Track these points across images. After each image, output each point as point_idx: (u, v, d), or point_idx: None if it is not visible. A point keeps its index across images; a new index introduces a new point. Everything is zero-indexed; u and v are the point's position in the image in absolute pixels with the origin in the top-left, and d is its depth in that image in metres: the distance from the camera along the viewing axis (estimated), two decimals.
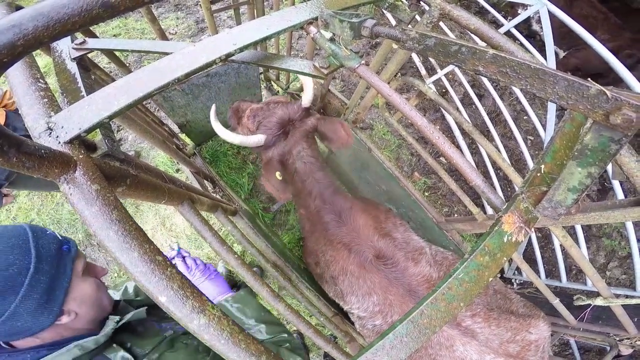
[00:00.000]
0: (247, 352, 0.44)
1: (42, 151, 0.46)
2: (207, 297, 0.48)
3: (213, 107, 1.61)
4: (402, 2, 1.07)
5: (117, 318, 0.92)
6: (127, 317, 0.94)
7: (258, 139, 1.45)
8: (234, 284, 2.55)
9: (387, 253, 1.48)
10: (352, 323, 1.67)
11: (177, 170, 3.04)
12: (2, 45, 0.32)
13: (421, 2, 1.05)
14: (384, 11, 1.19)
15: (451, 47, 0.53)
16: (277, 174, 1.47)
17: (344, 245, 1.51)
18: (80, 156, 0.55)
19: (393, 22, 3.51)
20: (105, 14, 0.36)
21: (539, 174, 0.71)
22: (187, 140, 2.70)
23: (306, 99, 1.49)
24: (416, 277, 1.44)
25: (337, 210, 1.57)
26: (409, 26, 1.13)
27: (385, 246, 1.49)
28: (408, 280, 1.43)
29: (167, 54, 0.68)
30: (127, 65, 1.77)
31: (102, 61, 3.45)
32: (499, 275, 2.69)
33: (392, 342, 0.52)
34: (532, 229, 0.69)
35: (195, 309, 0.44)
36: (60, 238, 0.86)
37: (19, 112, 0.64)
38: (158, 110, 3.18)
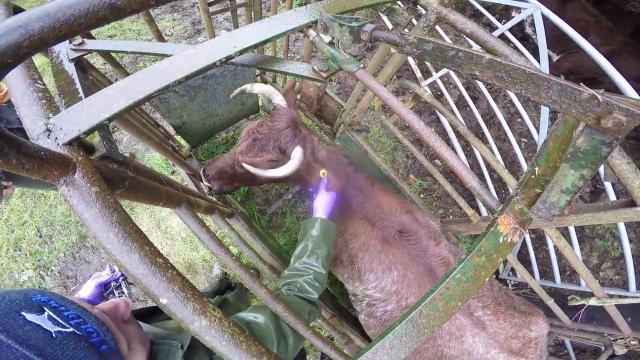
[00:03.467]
0: (248, 354, 0.45)
1: (42, 153, 0.46)
2: (207, 299, 0.48)
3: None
4: (399, 5, 1.09)
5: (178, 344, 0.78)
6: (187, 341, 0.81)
7: (298, 153, 1.37)
8: (229, 285, 2.53)
9: (411, 229, 1.48)
10: (352, 324, 1.67)
11: (172, 172, 3.02)
12: (8, 46, 0.32)
13: (418, 5, 1.07)
14: (381, 14, 1.21)
15: (448, 52, 0.54)
16: (322, 172, 1.42)
17: (367, 221, 1.51)
18: (80, 158, 0.55)
19: (389, 25, 3.54)
20: (111, 16, 0.36)
21: (533, 176, 0.73)
22: (183, 142, 2.69)
23: (278, 99, 1.46)
24: (436, 257, 1.45)
25: (360, 186, 1.56)
26: (406, 30, 1.15)
27: (408, 222, 1.50)
28: (428, 260, 1.44)
29: (166, 55, 0.68)
30: (123, 66, 1.76)
31: (97, 62, 3.43)
32: (494, 277, 2.71)
33: (392, 341, 0.53)
34: (527, 230, 0.71)
35: (197, 311, 0.44)
36: (85, 329, 0.53)
37: (14, 105, 0.63)
38: (153, 111, 3.16)
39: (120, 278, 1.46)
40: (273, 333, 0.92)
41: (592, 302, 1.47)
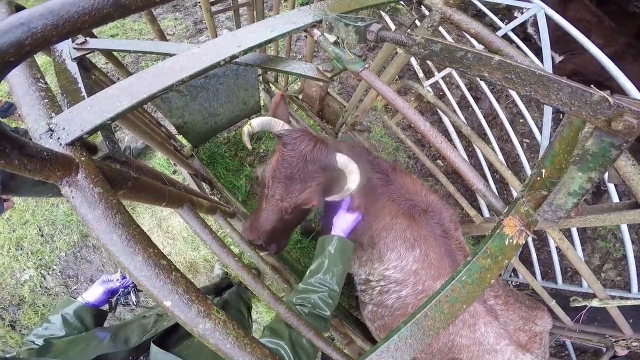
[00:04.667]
0: (252, 356, 0.44)
1: (45, 153, 0.45)
2: (211, 301, 0.47)
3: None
4: (402, 5, 1.08)
5: None
6: None
7: (345, 159, 1.23)
8: (229, 283, 2.53)
9: (436, 208, 1.50)
10: (353, 325, 1.66)
11: (174, 172, 3.02)
12: (10, 44, 0.31)
13: (422, 6, 1.06)
14: (383, 14, 1.20)
15: (457, 53, 0.53)
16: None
17: (393, 201, 1.50)
18: (82, 158, 0.54)
19: (391, 26, 3.53)
20: (115, 14, 0.35)
21: (539, 178, 0.72)
22: (185, 141, 2.69)
23: (280, 126, 1.29)
24: (455, 241, 1.48)
25: (384, 170, 1.56)
26: (409, 30, 1.14)
27: (434, 201, 1.52)
28: (449, 242, 1.46)
29: (169, 55, 0.68)
30: (125, 65, 1.75)
31: (99, 61, 3.42)
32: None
33: (397, 344, 0.52)
34: (532, 232, 0.70)
35: (201, 313, 0.44)
36: None
37: (17, 105, 0.63)
38: (155, 111, 3.15)
39: (130, 285, 1.41)
40: (292, 358, 0.94)
41: (594, 303, 1.46)
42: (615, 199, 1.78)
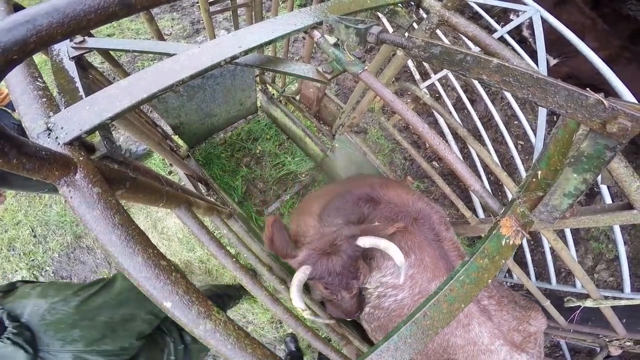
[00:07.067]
0: (253, 357, 0.44)
1: (43, 153, 0.45)
2: (212, 302, 0.47)
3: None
4: (401, 8, 1.09)
5: None
6: None
7: (370, 239, 1.36)
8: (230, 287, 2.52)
9: (425, 215, 1.55)
10: (350, 326, 1.67)
11: (170, 173, 3.00)
12: (14, 42, 0.31)
13: (420, 8, 1.07)
14: (381, 16, 1.21)
15: (456, 56, 0.54)
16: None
17: (385, 218, 1.56)
18: (81, 158, 0.54)
19: (389, 28, 3.55)
20: (121, 12, 0.35)
21: (534, 180, 0.73)
22: (181, 142, 2.67)
23: (304, 277, 1.38)
24: (448, 242, 1.52)
25: (366, 196, 1.63)
26: (407, 33, 1.15)
27: (422, 208, 1.57)
28: (442, 244, 1.50)
29: (168, 55, 0.67)
30: (121, 65, 1.74)
31: (95, 61, 3.39)
32: None
33: (397, 343, 0.52)
34: (528, 233, 0.71)
35: (201, 314, 0.44)
36: None
37: (14, 105, 0.62)
38: (151, 111, 3.13)
39: None
40: None
41: (588, 303, 1.48)
42: (608, 200, 1.80)
